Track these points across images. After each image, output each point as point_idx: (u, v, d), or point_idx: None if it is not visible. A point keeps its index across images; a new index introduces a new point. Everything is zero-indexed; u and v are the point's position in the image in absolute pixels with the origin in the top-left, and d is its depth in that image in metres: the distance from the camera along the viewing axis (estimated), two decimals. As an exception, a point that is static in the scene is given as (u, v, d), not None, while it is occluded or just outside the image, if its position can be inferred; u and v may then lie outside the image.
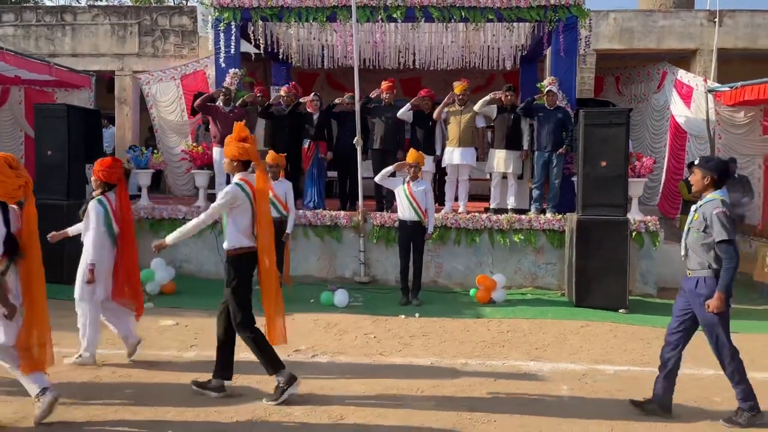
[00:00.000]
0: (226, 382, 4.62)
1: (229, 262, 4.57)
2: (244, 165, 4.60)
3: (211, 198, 7.98)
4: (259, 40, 9.61)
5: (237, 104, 9.00)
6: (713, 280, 4.10)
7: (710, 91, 10.15)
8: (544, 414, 4.36)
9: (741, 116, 10.07)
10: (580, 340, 6.29)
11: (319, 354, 5.70)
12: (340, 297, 7.52)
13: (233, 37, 9.31)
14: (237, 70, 9.32)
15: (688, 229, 4.29)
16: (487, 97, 8.72)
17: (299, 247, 8.62)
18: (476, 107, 8.67)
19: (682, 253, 4.35)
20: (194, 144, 9.65)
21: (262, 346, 4.51)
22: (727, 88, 9.76)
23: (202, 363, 5.12)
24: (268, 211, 4.60)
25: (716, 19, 12.37)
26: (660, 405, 4.32)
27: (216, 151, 8.78)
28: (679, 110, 10.85)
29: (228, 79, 9.19)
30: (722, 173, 4.22)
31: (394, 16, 9.10)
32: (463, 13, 9.04)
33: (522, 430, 4.12)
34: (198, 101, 8.92)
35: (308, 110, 9.06)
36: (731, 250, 4.05)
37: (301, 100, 9.14)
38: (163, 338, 6.07)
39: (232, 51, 9.34)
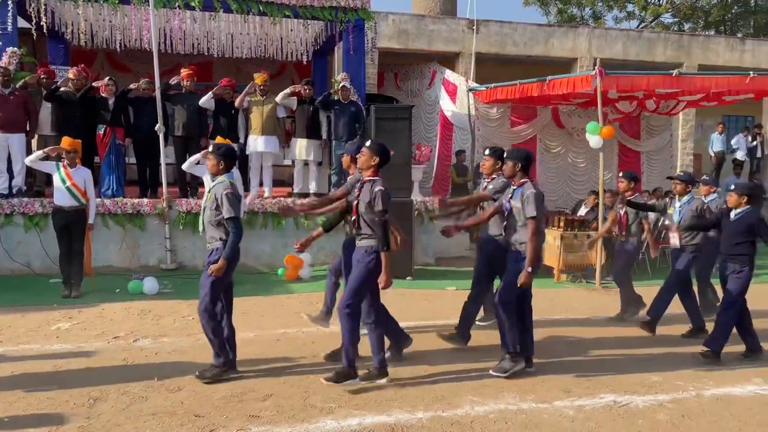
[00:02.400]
0: None
1: None
2: None
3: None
4: (40, 17, 8.91)
5: (17, 86, 8.32)
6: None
7: (470, 89, 11.97)
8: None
9: (494, 112, 12.08)
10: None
11: (140, 338, 5.84)
12: (150, 284, 7.57)
13: (10, 13, 8.54)
14: (15, 48, 8.58)
15: (204, 208, 4.78)
16: (288, 90, 9.32)
17: (99, 236, 8.36)
18: (277, 99, 9.22)
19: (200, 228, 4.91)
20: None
21: None
22: (483, 88, 11.64)
23: None
24: None
25: (474, 27, 14.47)
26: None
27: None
28: (446, 105, 12.58)
29: (5, 59, 8.43)
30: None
31: (192, 4, 9.17)
32: (260, 7, 9.48)
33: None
34: (-30, 82, 8.05)
35: (102, 94, 8.73)
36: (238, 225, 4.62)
37: (93, 84, 8.76)
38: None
39: (9, 28, 8.57)
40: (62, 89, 8.56)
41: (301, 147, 9.40)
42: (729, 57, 16.62)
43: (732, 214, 5.52)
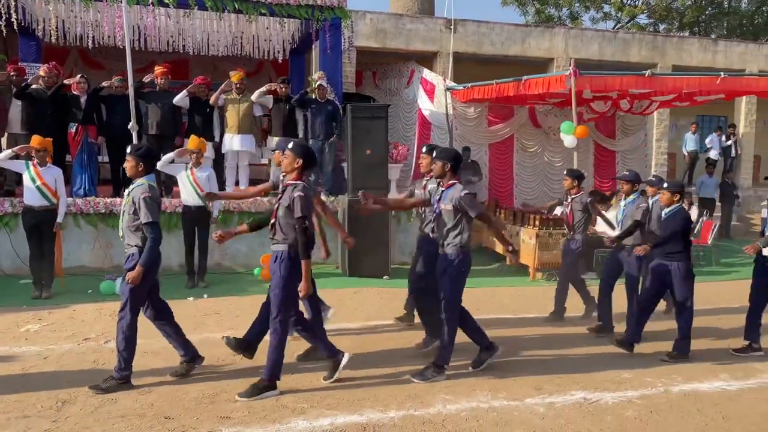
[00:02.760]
0: None
1: None
2: None
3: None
4: (10, 13, 8.74)
5: (-14, 83, 8.17)
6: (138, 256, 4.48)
7: (448, 89, 12.01)
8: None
9: (471, 111, 12.14)
10: (354, 303, 7.31)
11: (111, 340, 5.73)
12: (123, 285, 7.47)
13: (-23, 9, 8.37)
14: (-17, 45, 8.41)
15: (123, 212, 4.61)
16: (263, 88, 9.27)
17: (70, 236, 8.25)
18: (253, 97, 9.16)
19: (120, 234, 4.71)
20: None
21: None
22: (461, 87, 11.69)
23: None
24: None
25: (451, 26, 14.51)
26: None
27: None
28: (424, 104, 12.60)
29: (-27, 55, 8.26)
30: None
31: (166, 1, 9.07)
32: (236, 5, 9.40)
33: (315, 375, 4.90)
34: (-64, 78, 7.89)
35: (74, 92, 8.60)
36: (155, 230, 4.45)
37: (65, 81, 8.62)
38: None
39: (-23, 24, 8.39)
40: (33, 87, 8.41)
41: (277, 146, 9.35)
42: (702, 58, 16.88)
43: (663, 213, 5.64)
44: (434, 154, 5.08)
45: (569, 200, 6.80)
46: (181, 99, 8.86)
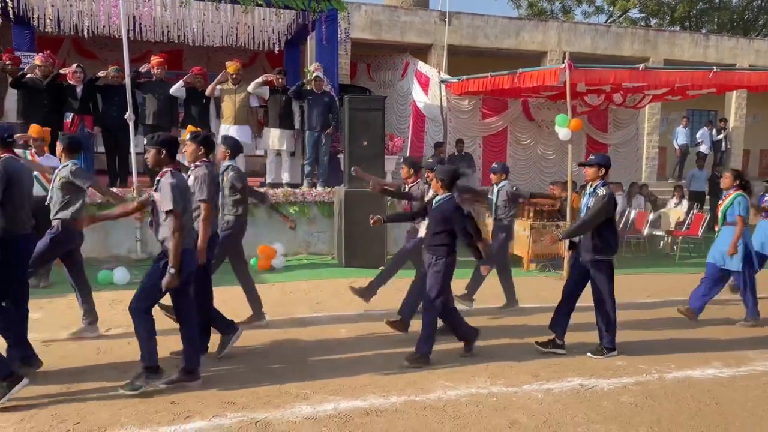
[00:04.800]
0: None
1: None
2: None
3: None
4: (6, 2, 8.69)
5: (-19, 72, 8.13)
6: None
7: (442, 81, 12.06)
8: (330, 352, 5.27)
9: (466, 104, 12.19)
10: (350, 294, 7.35)
11: (112, 328, 5.81)
12: (120, 274, 7.51)
13: (-28, -3, 8.31)
14: (-22, 33, 8.36)
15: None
16: (260, 79, 9.27)
17: (67, 226, 8.22)
18: (250, 88, 9.17)
19: None
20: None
21: None
22: (455, 80, 11.74)
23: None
24: None
25: (446, 19, 14.55)
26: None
27: (-43, 123, 7.84)
28: (419, 97, 12.66)
29: (-32, 44, 8.21)
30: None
31: (163, -9, 9.05)
32: (232, -5, 9.40)
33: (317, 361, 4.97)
34: (-69, 67, 7.84)
35: (70, 82, 8.58)
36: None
37: (61, 71, 8.59)
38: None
39: (-28, 12, 8.33)
40: (29, 76, 8.38)
41: (273, 137, 9.38)
42: (693, 52, 17.04)
43: (433, 202, 5.19)
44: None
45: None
46: (177, 89, 8.86)
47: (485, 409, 4.16)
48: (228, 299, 6.79)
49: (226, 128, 9.03)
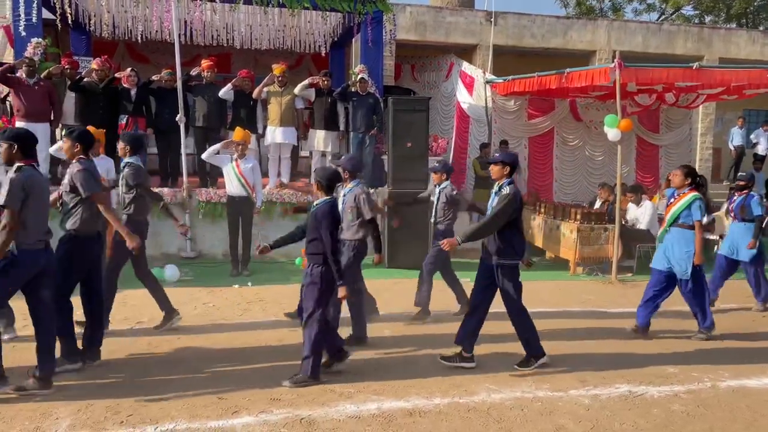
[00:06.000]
0: None
1: None
2: None
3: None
4: (64, 8, 9.06)
5: (42, 76, 8.48)
6: None
7: (488, 82, 11.96)
8: (376, 347, 5.29)
9: (511, 104, 12.05)
10: (393, 294, 7.38)
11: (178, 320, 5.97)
12: (171, 272, 7.72)
13: (35, 5, 8.70)
14: (40, 39, 8.74)
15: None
16: (306, 82, 9.40)
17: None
18: (296, 90, 9.30)
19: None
20: (-6, 118, 8.86)
21: None
22: (501, 80, 11.62)
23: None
24: None
25: (492, 19, 14.42)
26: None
27: (19, 125, 8.18)
28: (463, 97, 12.57)
29: (30, 49, 8.59)
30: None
31: (213, -5, 9.27)
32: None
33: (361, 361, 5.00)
34: (-5, 72, 8.23)
35: (124, 85, 8.88)
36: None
37: (116, 75, 8.90)
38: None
39: (34, 19, 8.74)
40: (86, 80, 8.71)
41: (318, 138, 9.48)
42: (750, 50, 16.39)
43: (312, 206, 4.74)
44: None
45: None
46: (226, 92, 9.06)
47: (530, 413, 4.11)
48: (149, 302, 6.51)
49: (273, 130, 9.19)
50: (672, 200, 6.00)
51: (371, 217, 5.46)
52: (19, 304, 5.81)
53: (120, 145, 5.74)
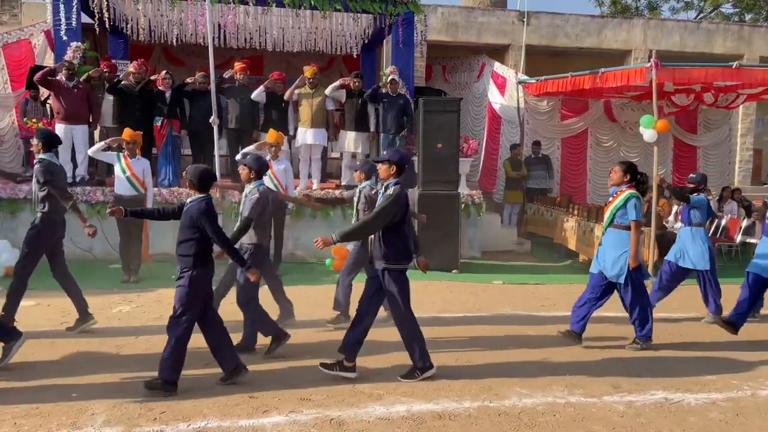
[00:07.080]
0: None
1: None
2: None
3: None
4: (102, 13, 9.28)
5: (81, 79, 8.69)
6: None
7: (520, 82, 11.85)
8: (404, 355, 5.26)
9: (544, 105, 11.94)
10: (423, 296, 7.34)
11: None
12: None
13: (74, 10, 8.92)
14: (79, 43, 8.96)
15: None
16: (337, 83, 9.44)
17: (154, 225, 8.62)
18: (327, 91, 9.34)
19: None
20: (33, 120, 9.11)
21: None
22: (533, 81, 11.50)
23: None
24: None
25: (524, 19, 14.28)
26: None
27: (59, 127, 8.44)
28: (495, 98, 12.48)
29: (70, 53, 8.82)
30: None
31: (247, -1, 9.38)
32: (312, 2, 9.61)
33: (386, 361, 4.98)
34: (38, 75, 8.45)
35: (159, 88, 9.04)
36: None
37: (152, 77, 9.08)
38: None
39: (74, 24, 8.96)
40: (123, 83, 8.90)
41: (349, 140, 9.51)
42: (793, 48, 15.90)
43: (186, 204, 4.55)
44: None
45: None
46: (258, 94, 9.15)
47: (562, 418, 4.04)
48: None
49: (303, 131, 9.25)
50: (610, 199, 5.66)
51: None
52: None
53: (33, 141, 5.56)
